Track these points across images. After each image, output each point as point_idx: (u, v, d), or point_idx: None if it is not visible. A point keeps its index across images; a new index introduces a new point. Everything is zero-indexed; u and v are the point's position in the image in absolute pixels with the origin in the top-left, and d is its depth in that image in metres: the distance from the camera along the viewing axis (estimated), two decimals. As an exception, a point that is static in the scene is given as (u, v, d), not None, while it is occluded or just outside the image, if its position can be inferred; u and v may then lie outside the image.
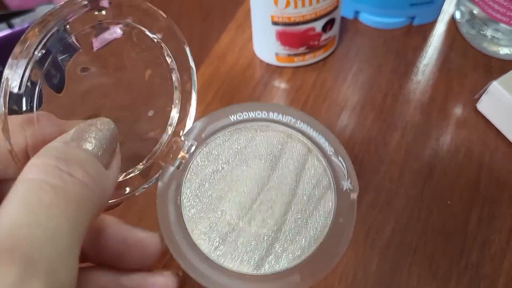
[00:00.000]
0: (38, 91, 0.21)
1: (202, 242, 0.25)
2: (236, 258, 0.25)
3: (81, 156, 0.19)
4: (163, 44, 0.26)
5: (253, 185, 0.26)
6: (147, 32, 0.25)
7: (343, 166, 0.27)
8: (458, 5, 0.44)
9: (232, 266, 0.24)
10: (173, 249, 0.24)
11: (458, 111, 0.39)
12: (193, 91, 0.28)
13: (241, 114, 0.28)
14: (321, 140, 0.27)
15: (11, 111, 0.19)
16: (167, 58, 0.26)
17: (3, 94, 0.19)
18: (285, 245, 0.25)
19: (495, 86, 0.36)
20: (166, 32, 0.26)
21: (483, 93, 0.38)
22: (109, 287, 0.22)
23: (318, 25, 0.38)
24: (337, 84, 0.41)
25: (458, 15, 0.44)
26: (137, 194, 0.26)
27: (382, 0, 0.42)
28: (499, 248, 0.33)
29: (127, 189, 0.25)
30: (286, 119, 0.28)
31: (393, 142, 0.38)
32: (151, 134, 0.27)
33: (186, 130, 0.27)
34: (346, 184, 0.26)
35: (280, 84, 0.42)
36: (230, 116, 0.28)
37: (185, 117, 0.28)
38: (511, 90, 0.35)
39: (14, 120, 0.19)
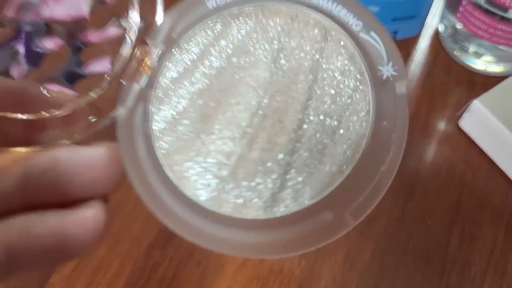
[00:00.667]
0: None
1: (186, 182, 0.18)
2: (237, 198, 0.18)
3: None
4: None
5: (250, 93, 0.19)
6: None
7: (378, 44, 0.18)
8: (441, 20, 0.43)
9: (232, 210, 0.18)
10: (146, 197, 0.18)
11: (441, 128, 0.39)
12: None
13: None
14: (342, 12, 0.19)
15: None
16: None
17: None
18: (305, 172, 0.18)
19: (476, 104, 0.35)
20: None
21: (464, 111, 0.37)
22: (17, 241, 0.17)
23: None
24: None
25: (441, 30, 0.43)
26: (104, 123, 0.19)
27: (365, 14, 0.42)
28: (479, 270, 0.32)
29: (92, 118, 0.19)
30: None
31: (374, 160, 0.37)
32: (108, 47, 0.21)
33: (151, 32, 0.20)
34: (386, 70, 0.18)
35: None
36: (206, 1, 0.20)
37: (150, 18, 0.20)
38: (493, 108, 0.35)
39: None
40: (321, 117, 0.18)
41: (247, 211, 0.18)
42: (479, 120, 0.36)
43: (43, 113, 0.19)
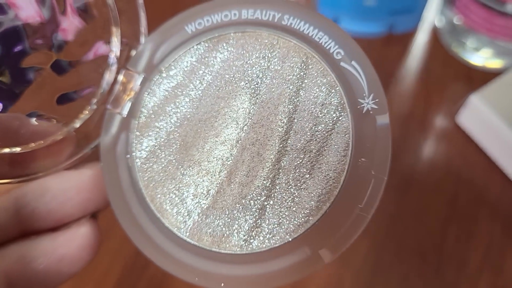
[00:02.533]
0: None
1: (166, 214, 0.18)
2: (215, 232, 0.18)
3: None
4: None
5: (230, 125, 0.18)
6: None
7: (359, 75, 0.17)
8: (439, 14, 0.43)
9: (210, 244, 0.17)
10: (128, 227, 0.18)
11: (437, 123, 0.38)
12: (142, 14, 0.20)
13: (201, 21, 0.19)
14: (323, 39, 0.18)
15: None
16: None
17: None
18: (284, 207, 0.17)
19: (474, 99, 0.35)
20: None
21: (461, 106, 0.37)
22: (16, 269, 0.18)
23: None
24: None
25: (439, 24, 0.43)
26: (90, 151, 0.19)
27: (360, 7, 0.41)
28: (476, 267, 0.32)
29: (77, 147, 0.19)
30: (267, 16, 0.18)
31: (370, 156, 0.37)
32: (90, 74, 0.20)
33: (132, 59, 0.19)
34: (367, 103, 0.17)
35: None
36: (185, 27, 0.19)
37: (133, 40, 0.20)
38: (490, 103, 0.34)
39: None
40: (300, 151, 0.18)
41: (225, 245, 0.17)
42: (476, 115, 0.35)
43: (31, 144, 0.19)
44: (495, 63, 0.40)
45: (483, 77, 0.40)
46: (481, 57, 0.40)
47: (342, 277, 0.32)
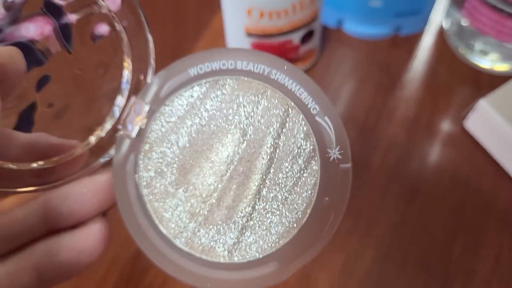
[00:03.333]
0: None
1: (164, 223, 0.22)
2: (204, 244, 0.22)
3: None
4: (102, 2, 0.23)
5: (222, 158, 0.22)
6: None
7: (330, 129, 0.21)
8: (446, 16, 0.42)
9: (200, 252, 0.21)
10: (134, 234, 0.22)
11: (444, 129, 0.37)
12: (149, 38, 0.24)
13: (203, 67, 0.23)
14: (303, 95, 0.22)
15: None
16: (116, 25, 0.23)
17: None
18: (260, 229, 0.21)
19: (482, 104, 0.34)
20: None
21: (469, 111, 0.35)
22: (44, 262, 0.21)
23: (295, 37, 0.36)
24: (317, 99, 0.39)
25: (446, 26, 0.42)
26: (102, 162, 0.23)
27: (366, 9, 0.40)
28: (484, 279, 0.31)
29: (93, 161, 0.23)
30: (258, 69, 0.22)
31: (375, 163, 0.35)
32: (104, 101, 0.24)
33: (141, 92, 0.22)
34: (334, 153, 0.21)
35: (257, 99, 0.39)
36: (189, 70, 0.23)
37: (145, 72, 0.24)
38: (499, 108, 0.33)
39: None
40: (277, 185, 0.21)
41: (212, 254, 0.21)
42: (485, 120, 0.34)
43: (54, 158, 0.22)
44: (503, 67, 0.39)
45: (491, 81, 0.39)
46: (489, 60, 0.39)
47: (345, 289, 0.31)
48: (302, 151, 0.21)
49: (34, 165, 0.22)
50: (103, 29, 0.23)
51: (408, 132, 0.37)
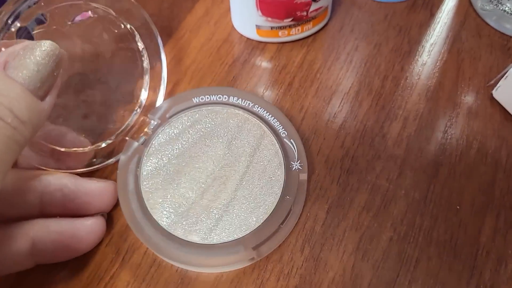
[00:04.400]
0: None
1: (155, 211, 0.27)
2: (186, 228, 0.26)
3: (14, 93, 0.19)
4: (135, 32, 0.30)
5: (209, 162, 0.28)
6: (119, 19, 0.29)
7: (294, 148, 0.29)
8: (472, -24, 0.38)
9: (182, 235, 0.26)
10: (128, 216, 0.27)
11: (470, 99, 0.33)
12: (163, 76, 0.31)
13: (203, 97, 0.30)
14: (276, 124, 0.30)
15: None
16: (138, 44, 0.30)
17: None
18: (233, 219, 0.27)
19: (516, 70, 0.30)
20: (138, 20, 0.29)
21: (500, 79, 0.31)
22: (40, 234, 0.24)
23: (306, -8, 0.33)
24: (327, 64, 0.35)
25: (471, -12, 0.38)
26: (105, 164, 0.29)
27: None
28: (518, 265, 0.27)
29: (95, 160, 0.29)
30: (245, 103, 0.30)
31: (392, 134, 0.31)
32: (122, 113, 0.31)
33: (153, 110, 0.30)
34: (296, 165, 0.28)
35: (261, 62, 0.35)
36: (193, 99, 0.30)
37: (153, 98, 0.31)
38: (536, 74, 0.29)
39: None
40: (250, 187, 0.28)
41: (192, 237, 0.26)
42: (518, 88, 0.30)
43: (72, 149, 0.28)
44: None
45: (522, 47, 0.35)
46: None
47: (360, 273, 0.27)
48: (272, 162, 0.28)
49: (62, 149, 0.28)
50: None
51: (429, 101, 0.33)
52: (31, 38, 0.24)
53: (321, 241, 0.28)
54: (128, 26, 0.29)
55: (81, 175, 0.27)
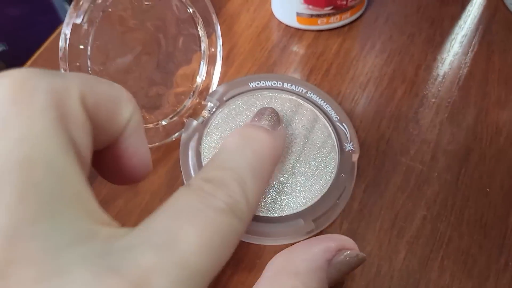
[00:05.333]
0: (93, 30, 0.25)
1: None
2: None
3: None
4: (198, 17, 0.31)
5: None
6: (187, 3, 0.30)
7: (346, 131, 0.30)
8: (502, -29, 0.39)
9: None
10: None
11: (499, 88, 0.35)
12: (218, 61, 0.33)
13: (259, 82, 0.32)
14: (328, 109, 0.31)
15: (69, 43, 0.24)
16: (199, 29, 0.31)
17: (66, 24, 0.24)
18: (292, 194, 0.28)
19: (548, 60, 0.31)
20: (199, 6, 0.31)
21: (530, 69, 0.33)
22: None
23: (347, -18, 0.34)
24: (363, 53, 0.37)
25: (502, -17, 0.39)
26: (163, 142, 0.31)
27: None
28: (544, 245, 0.28)
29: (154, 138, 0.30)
30: (298, 89, 0.32)
31: (426, 119, 0.33)
32: (180, 91, 0.32)
33: (210, 93, 0.32)
34: (348, 146, 0.30)
35: (299, 49, 0.37)
36: (249, 83, 0.32)
37: (208, 82, 0.33)
38: None
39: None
40: (306, 164, 0.29)
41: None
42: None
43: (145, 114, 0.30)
44: None
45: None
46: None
47: (395, 248, 0.28)
48: (326, 144, 0.30)
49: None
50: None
51: (460, 90, 0.34)
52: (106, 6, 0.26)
53: (358, 218, 0.29)
54: (191, 10, 0.30)
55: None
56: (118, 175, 0.20)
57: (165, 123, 0.31)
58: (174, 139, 0.31)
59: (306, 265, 0.23)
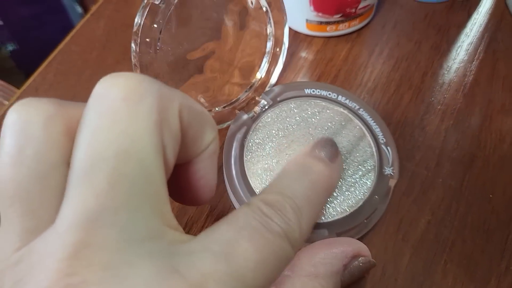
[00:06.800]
0: (169, 12, 0.26)
1: (254, 180, 0.29)
2: None
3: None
4: (270, 14, 0.31)
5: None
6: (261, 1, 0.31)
7: (389, 155, 0.30)
8: (508, -20, 0.40)
9: None
10: (228, 179, 0.29)
11: (503, 96, 0.35)
12: (280, 62, 0.34)
13: (315, 90, 0.32)
14: (376, 129, 0.31)
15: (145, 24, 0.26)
16: (268, 27, 0.32)
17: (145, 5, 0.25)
18: (333, 206, 0.28)
19: (552, 70, 0.32)
20: (275, 5, 0.31)
21: (534, 78, 0.34)
22: None
23: (357, -9, 0.35)
24: (371, 59, 0.37)
25: (508, -9, 0.40)
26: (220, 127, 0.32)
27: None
28: (545, 251, 0.29)
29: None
30: (352, 104, 0.32)
31: (431, 126, 0.34)
32: (238, 83, 0.33)
33: (266, 90, 0.33)
34: (388, 170, 0.29)
35: (309, 55, 0.38)
36: (305, 89, 0.32)
37: (267, 79, 0.34)
38: None
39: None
40: (342, 181, 0.29)
41: None
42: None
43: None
44: None
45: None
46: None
47: (400, 251, 0.29)
48: (366, 162, 0.30)
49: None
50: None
51: (466, 97, 0.35)
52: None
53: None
54: (266, 7, 0.31)
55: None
56: (183, 193, 0.20)
57: (218, 110, 0.32)
58: (222, 127, 0.32)
59: (326, 268, 0.24)
